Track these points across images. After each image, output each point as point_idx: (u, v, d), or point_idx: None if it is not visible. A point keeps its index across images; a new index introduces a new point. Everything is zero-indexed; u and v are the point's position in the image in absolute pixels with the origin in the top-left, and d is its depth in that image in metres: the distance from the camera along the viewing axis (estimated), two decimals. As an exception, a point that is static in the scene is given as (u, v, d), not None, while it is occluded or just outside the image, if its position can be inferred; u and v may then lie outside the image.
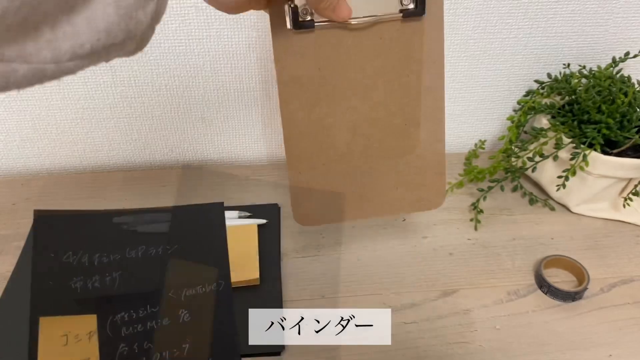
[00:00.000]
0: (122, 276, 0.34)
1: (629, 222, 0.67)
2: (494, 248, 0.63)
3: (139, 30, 0.26)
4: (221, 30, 0.64)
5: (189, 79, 0.68)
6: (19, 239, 0.60)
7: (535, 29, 0.69)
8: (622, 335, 0.53)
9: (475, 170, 0.71)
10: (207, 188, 0.70)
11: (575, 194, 0.66)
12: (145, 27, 0.27)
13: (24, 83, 0.24)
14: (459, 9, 0.66)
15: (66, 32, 0.24)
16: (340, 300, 0.55)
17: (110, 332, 0.33)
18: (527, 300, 0.56)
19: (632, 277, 0.59)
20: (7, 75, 0.23)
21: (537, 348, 0.52)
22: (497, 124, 0.79)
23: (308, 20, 0.38)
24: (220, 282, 0.37)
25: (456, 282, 0.58)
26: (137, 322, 0.33)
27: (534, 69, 0.73)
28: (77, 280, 0.34)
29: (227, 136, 0.75)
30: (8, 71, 0.23)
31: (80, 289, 0.33)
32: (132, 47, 0.27)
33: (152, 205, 0.66)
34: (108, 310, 0.33)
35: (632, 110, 0.62)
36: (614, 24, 0.69)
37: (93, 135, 0.73)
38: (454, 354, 0.51)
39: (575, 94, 0.66)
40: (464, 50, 0.70)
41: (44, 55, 0.24)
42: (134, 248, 0.35)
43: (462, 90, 0.74)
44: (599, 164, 0.62)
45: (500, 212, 0.68)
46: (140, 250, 0.36)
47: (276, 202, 0.67)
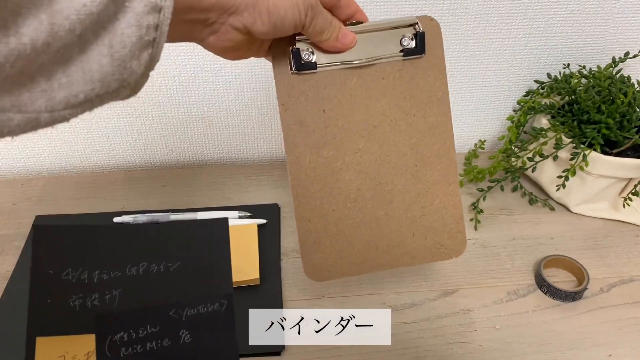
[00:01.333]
0: (123, 294, 0.34)
1: (628, 222, 0.67)
2: (493, 248, 0.63)
3: (133, 78, 0.27)
4: (221, 30, 0.64)
5: (189, 79, 0.68)
6: (19, 239, 0.60)
7: (535, 29, 0.69)
8: (622, 335, 0.53)
9: (475, 170, 0.71)
10: (207, 188, 0.70)
11: (575, 194, 0.66)
12: (139, 76, 0.27)
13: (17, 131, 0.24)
14: (458, 9, 0.66)
15: (61, 83, 0.24)
16: (340, 300, 0.55)
17: (109, 352, 0.32)
18: (527, 300, 0.57)
19: (632, 277, 0.59)
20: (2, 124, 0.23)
21: (537, 348, 0.52)
22: (497, 124, 0.79)
23: (311, 62, 0.38)
24: (222, 302, 0.36)
25: (456, 282, 0.58)
26: (137, 343, 0.32)
27: (534, 69, 0.73)
28: (76, 298, 0.33)
29: (227, 136, 0.75)
30: (3, 120, 0.23)
31: (79, 307, 0.32)
32: (126, 94, 0.28)
33: (152, 205, 0.66)
34: (107, 330, 0.33)
35: (632, 110, 0.62)
36: (614, 24, 0.70)
37: (93, 135, 0.73)
38: (454, 354, 0.51)
39: (575, 94, 0.66)
40: (464, 50, 0.70)
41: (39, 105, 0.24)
42: (135, 264, 0.34)
43: (462, 90, 0.74)
44: (598, 164, 0.62)
45: (500, 212, 0.68)
46: (141, 267, 0.34)
47: (276, 202, 0.67)
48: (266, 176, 0.73)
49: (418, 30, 0.40)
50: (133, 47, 0.26)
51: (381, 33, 0.39)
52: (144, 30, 0.26)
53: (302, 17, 0.33)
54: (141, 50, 0.26)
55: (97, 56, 0.25)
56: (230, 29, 0.32)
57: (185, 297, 0.35)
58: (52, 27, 0.22)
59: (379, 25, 0.39)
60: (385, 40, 0.39)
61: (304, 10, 0.33)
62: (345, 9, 0.38)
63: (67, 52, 0.23)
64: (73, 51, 0.24)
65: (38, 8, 0.22)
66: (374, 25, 0.39)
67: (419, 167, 0.43)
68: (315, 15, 0.34)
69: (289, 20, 0.32)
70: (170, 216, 0.62)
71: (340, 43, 0.37)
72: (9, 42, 0.21)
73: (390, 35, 0.39)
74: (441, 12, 0.66)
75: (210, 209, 0.65)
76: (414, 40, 0.39)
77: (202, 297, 0.35)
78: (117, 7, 0.24)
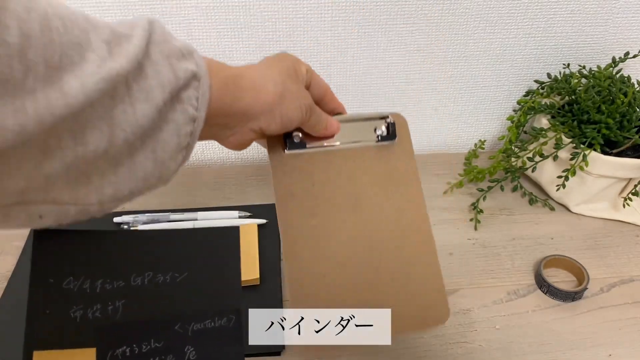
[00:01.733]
0: (126, 305, 0.32)
1: (628, 222, 0.67)
2: (493, 248, 0.63)
3: (169, 175, 0.32)
4: (221, 30, 0.64)
5: (189, 79, 0.68)
6: (19, 239, 0.60)
7: (535, 29, 0.69)
8: (622, 335, 0.53)
9: (475, 170, 0.71)
10: (207, 188, 0.70)
11: (575, 194, 0.66)
12: (173, 172, 0.32)
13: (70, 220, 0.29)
14: (458, 10, 0.66)
15: (111, 181, 0.28)
16: (340, 300, 0.55)
17: None
18: (526, 300, 0.57)
19: (632, 277, 0.59)
20: (62, 215, 0.28)
21: (536, 348, 0.52)
22: (497, 124, 0.79)
23: (301, 142, 0.43)
24: (230, 317, 0.34)
25: (456, 282, 0.58)
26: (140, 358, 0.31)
27: (534, 69, 0.73)
28: (76, 309, 0.31)
29: (227, 136, 0.75)
30: (63, 212, 0.28)
31: (80, 318, 0.31)
32: (160, 185, 0.33)
33: (152, 205, 0.66)
34: (109, 344, 0.31)
35: (632, 110, 0.62)
36: (614, 24, 0.70)
37: (93, 135, 0.73)
38: (453, 353, 0.51)
39: (575, 94, 0.66)
40: (464, 50, 0.70)
41: (91, 199, 0.28)
42: (141, 274, 0.33)
43: (462, 90, 0.74)
44: (598, 164, 0.62)
45: (500, 212, 0.68)
46: (147, 276, 0.33)
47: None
48: (266, 176, 0.73)
49: (389, 121, 0.47)
50: (172, 152, 0.30)
51: (360, 122, 0.46)
52: (182, 137, 0.30)
53: (304, 117, 0.40)
54: (178, 153, 0.31)
55: (142, 160, 0.29)
56: (248, 131, 0.38)
57: (192, 310, 0.34)
58: (110, 137, 0.26)
59: (358, 117, 0.46)
60: (364, 129, 0.46)
61: (306, 111, 0.39)
62: (329, 103, 0.45)
63: (118, 156, 0.28)
64: (123, 155, 0.28)
65: (101, 121, 0.26)
66: (355, 117, 0.46)
67: (400, 239, 0.47)
68: (312, 113, 0.41)
69: (296, 121, 0.39)
70: (170, 216, 0.62)
71: (328, 131, 0.44)
72: (77, 150, 0.25)
73: (367, 125, 0.46)
74: (441, 12, 0.66)
75: (210, 209, 0.65)
76: (386, 129, 0.46)
77: (209, 311, 0.34)
78: (162, 119, 0.29)
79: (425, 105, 0.75)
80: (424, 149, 0.80)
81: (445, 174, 0.74)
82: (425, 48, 0.69)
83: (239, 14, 0.63)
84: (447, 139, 0.80)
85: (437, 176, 0.74)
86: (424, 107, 0.75)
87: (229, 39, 0.65)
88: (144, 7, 0.61)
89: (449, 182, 0.72)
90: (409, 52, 0.69)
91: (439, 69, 0.71)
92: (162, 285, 0.33)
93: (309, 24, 0.65)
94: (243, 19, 0.63)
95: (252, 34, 0.65)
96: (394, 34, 0.67)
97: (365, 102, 0.73)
